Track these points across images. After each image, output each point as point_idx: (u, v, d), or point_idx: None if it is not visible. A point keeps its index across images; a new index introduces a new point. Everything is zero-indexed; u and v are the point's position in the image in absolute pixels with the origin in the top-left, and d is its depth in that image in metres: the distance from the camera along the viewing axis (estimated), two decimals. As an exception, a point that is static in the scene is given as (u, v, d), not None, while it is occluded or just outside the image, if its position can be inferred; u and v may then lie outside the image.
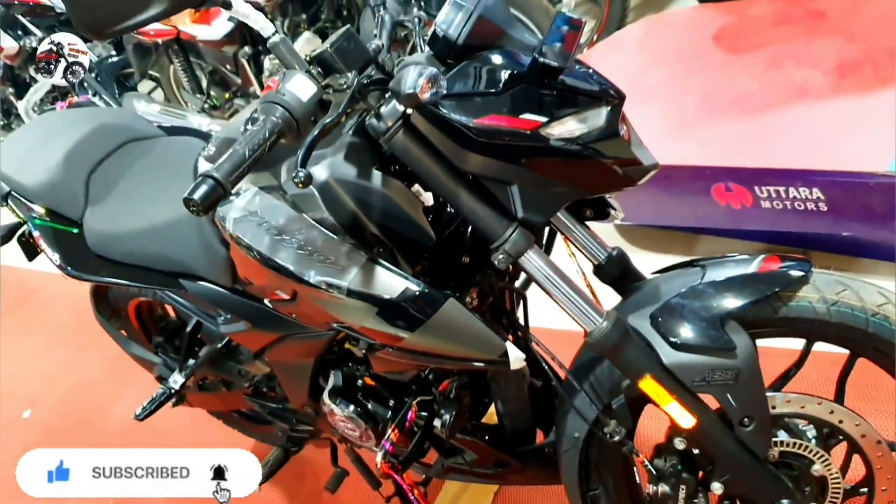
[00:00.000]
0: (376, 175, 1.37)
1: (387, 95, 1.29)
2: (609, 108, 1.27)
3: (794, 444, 1.44)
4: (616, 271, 1.53)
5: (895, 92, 2.26)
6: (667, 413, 1.38)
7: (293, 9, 3.97)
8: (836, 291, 1.36)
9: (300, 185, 1.14)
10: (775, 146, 2.29)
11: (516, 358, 1.40)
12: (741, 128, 2.41)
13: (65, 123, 2.20)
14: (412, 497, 1.77)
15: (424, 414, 1.70)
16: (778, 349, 1.48)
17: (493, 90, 1.23)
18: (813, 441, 1.45)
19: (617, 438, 1.44)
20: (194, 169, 1.66)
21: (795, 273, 1.37)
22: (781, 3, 2.91)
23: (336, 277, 1.38)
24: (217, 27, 4.00)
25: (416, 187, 1.42)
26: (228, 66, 4.23)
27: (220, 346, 2.09)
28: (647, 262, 1.57)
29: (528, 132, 1.22)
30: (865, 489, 1.49)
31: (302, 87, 1.18)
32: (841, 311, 1.35)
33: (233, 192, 1.42)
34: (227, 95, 4.53)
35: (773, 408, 1.42)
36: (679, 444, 1.45)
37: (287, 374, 1.92)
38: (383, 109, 1.27)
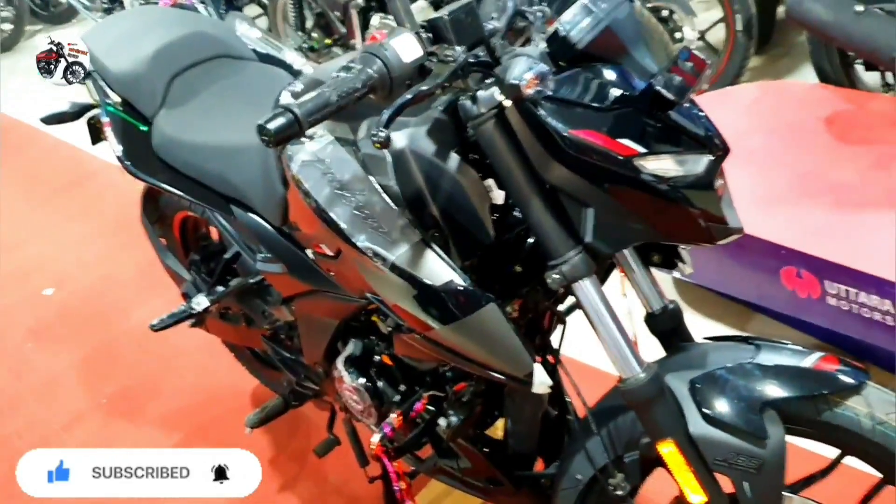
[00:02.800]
0: (453, 158, 1.33)
1: (487, 81, 1.23)
2: (712, 157, 1.21)
3: (799, 552, 1.37)
4: (668, 325, 1.47)
5: None
6: (678, 483, 1.32)
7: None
8: (887, 411, 1.28)
9: (377, 146, 1.10)
10: (859, 247, 2.19)
11: (541, 382, 1.34)
12: (830, 218, 2.32)
13: (163, 20, 2.19)
14: (396, 487, 1.72)
15: (432, 409, 1.65)
16: (805, 450, 1.41)
17: (598, 105, 1.18)
18: (817, 556, 1.38)
19: (620, 493, 1.38)
20: (276, 101, 1.62)
21: (850, 380, 1.30)
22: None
23: (384, 248, 1.34)
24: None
25: (490, 182, 1.37)
26: (337, 13, 4.21)
27: (251, 281, 2.07)
28: (695, 323, 1.48)
29: (622, 158, 1.16)
30: None
31: (407, 47, 1.14)
32: (886, 433, 1.27)
33: (307, 134, 1.40)
34: (327, 41, 4.51)
35: (787, 510, 1.35)
36: (682, 517, 1.38)
37: (309, 327, 1.89)
38: (480, 94, 1.22)
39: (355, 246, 1.36)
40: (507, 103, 1.21)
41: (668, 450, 1.29)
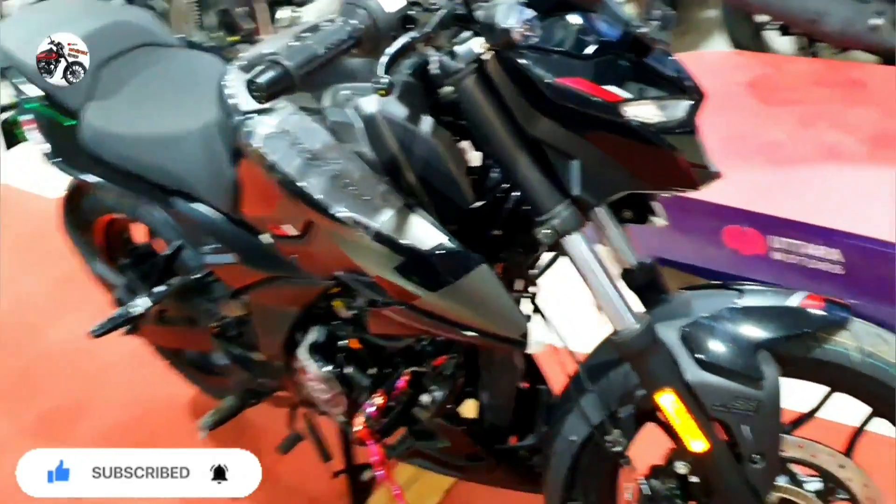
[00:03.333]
0: (426, 121, 1.29)
1: (463, 35, 1.20)
2: (691, 102, 1.21)
3: (796, 492, 1.38)
4: (645, 279, 1.45)
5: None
6: (678, 433, 1.31)
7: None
8: (874, 344, 1.31)
9: (381, 93, 1.05)
10: (802, 200, 2.24)
11: (536, 342, 1.31)
12: (767, 176, 2.37)
13: (80, 11, 2.09)
14: (379, 471, 1.66)
15: (412, 386, 1.60)
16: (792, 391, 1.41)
17: (581, 53, 1.17)
18: (814, 494, 1.38)
19: (617, 449, 1.36)
20: (219, 88, 1.55)
21: (836, 316, 1.31)
22: (821, 65, 2.89)
23: (367, 216, 1.29)
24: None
25: (465, 144, 1.33)
26: (245, 9, 4.09)
27: (196, 276, 1.97)
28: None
29: (610, 104, 1.15)
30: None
31: None
32: (875, 365, 1.29)
33: (269, 105, 1.34)
34: (231, 39, 4.38)
35: (783, 451, 1.35)
36: (681, 468, 1.37)
37: (265, 319, 1.82)
38: (458, 48, 1.18)
39: (334, 217, 1.30)
40: (488, 56, 1.17)
41: (667, 399, 1.28)
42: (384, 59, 1.08)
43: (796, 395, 1.38)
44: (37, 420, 2.74)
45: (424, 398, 1.57)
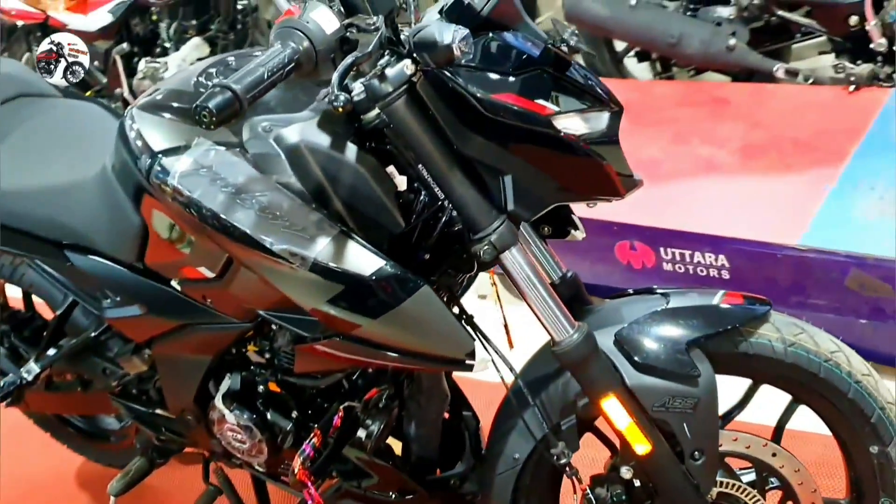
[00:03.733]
0: (351, 148, 1.29)
1: (386, 59, 1.20)
2: (613, 113, 1.25)
3: (733, 485, 1.42)
4: (570, 292, 1.48)
5: (806, 175, 2.41)
6: (622, 436, 1.33)
7: (184, 13, 3.79)
8: (794, 333, 1.38)
9: (340, 110, 1.04)
10: (686, 211, 2.35)
11: (481, 359, 1.31)
12: (651, 191, 2.45)
13: None
14: None
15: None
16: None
17: (509, 69, 1.20)
18: (749, 485, 1.43)
19: (564, 461, 1.37)
20: (120, 131, 1.49)
21: (757, 310, 1.38)
22: (685, 87, 3.06)
23: (301, 247, 1.26)
24: (94, 19, 3.73)
25: (391, 169, 1.33)
26: (96, 63, 3.96)
27: (93, 334, 1.87)
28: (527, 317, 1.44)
29: (543, 117, 1.18)
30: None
31: (326, 19, 1.11)
32: (797, 353, 1.36)
33: (187, 144, 1.30)
34: (87, 94, 4.23)
35: (720, 445, 1.40)
36: (626, 472, 1.39)
37: (173, 371, 1.73)
38: (388, 71, 1.18)
39: (267, 250, 1.26)
40: (415, 78, 1.18)
41: (610, 403, 1.30)
42: (335, 78, 1.07)
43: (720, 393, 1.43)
44: None
45: (361, 433, 1.53)
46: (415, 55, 1.16)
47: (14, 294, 2.26)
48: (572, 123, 1.21)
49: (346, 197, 1.29)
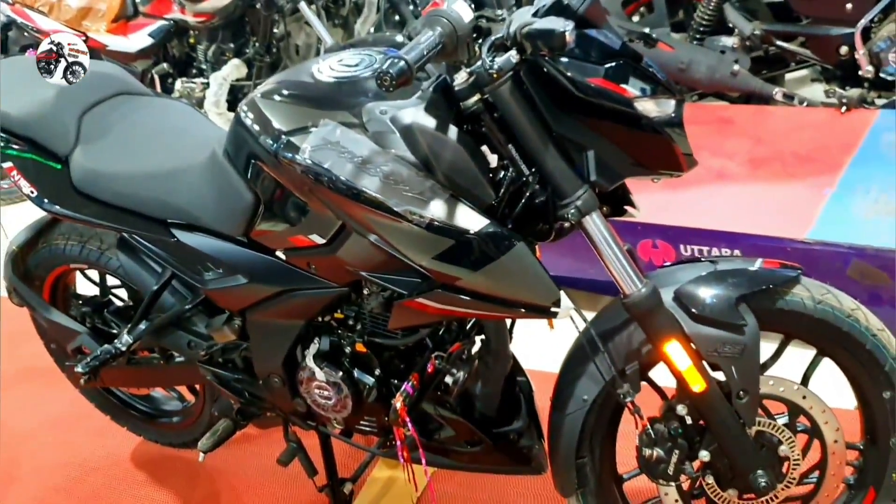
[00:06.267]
0: (453, 130, 1.52)
1: (491, 48, 1.44)
2: (679, 100, 1.49)
3: (769, 423, 1.65)
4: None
5: (808, 181, 2.69)
6: (680, 377, 1.56)
7: (222, 36, 4.03)
8: (822, 293, 1.62)
9: (496, 76, 1.32)
10: (702, 212, 2.61)
11: (566, 307, 1.54)
12: (671, 194, 2.73)
13: None
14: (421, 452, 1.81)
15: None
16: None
17: (598, 59, 1.43)
18: (783, 423, 1.67)
19: (629, 399, 1.59)
20: (236, 118, 1.70)
21: (791, 273, 1.62)
22: (691, 108, 3.33)
23: (420, 207, 1.49)
24: (134, 41, 3.97)
25: (484, 148, 1.57)
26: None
27: (187, 306, 2.08)
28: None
29: (629, 99, 1.42)
30: (817, 474, 1.71)
31: (463, 10, 1.35)
32: (825, 310, 1.60)
33: (313, 125, 1.53)
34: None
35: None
36: (681, 410, 1.62)
37: (266, 337, 1.93)
38: (498, 60, 1.42)
39: (391, 210, 1.49)
40: (520, 66, 1.42)
41: (673, 347, 1.53)
42: (485, 53, 1.33)
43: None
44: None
45: (448, 379, 1.75)
46: (522, 45, 1.39)
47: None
48: (648, 106, 1.44)
49: (448, 170, 1.51)
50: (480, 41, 1.41)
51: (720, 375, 1.58)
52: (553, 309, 1.54)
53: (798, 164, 2.86)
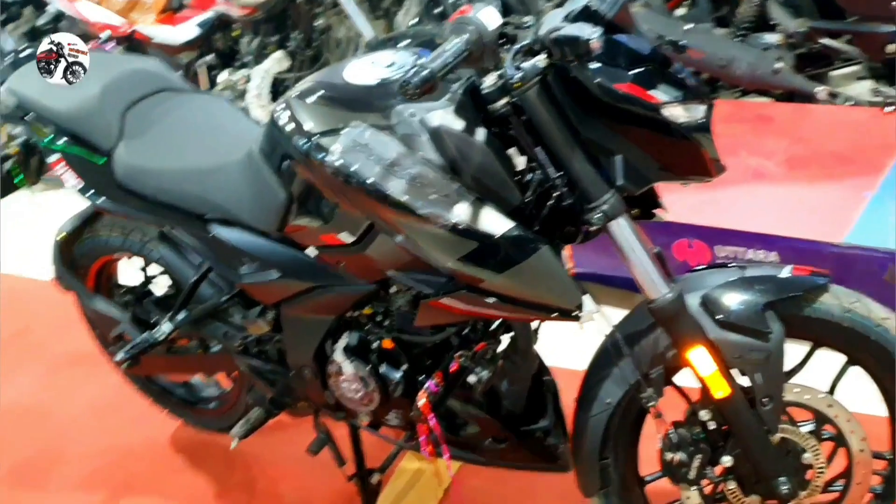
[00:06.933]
0: (480, 132, 1.53)
1: (520, 53, 1.45)
2: (707, 105, 1.49)
3: (794, 431, 1.65)
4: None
5: (847, 183, 2.66)
6: (704, 382, 1.57)
7: (265, 30, 4.08)
8: (851, 301, 1.61)
9: (517, 85, 1.37)
10: (739, 213, 2.60)
11: (589, 311, 1.55)
12: (707, 194, 2.69)
13: (101, 60, 2.22)
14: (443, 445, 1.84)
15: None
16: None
17: (626, 64, 1.43)
18: (808, 431, 1.66)
19: (652, 403, 1.61)
20: (271, 119, 1.74)
21: (820, 281, 1.61)
22: (732, 105, 3.31)
23: (445, 210, 1.51)
24: (182, 31, 4.03)
25: (511, 151, 1.58)
26: (179, 74, 4.22)
27: (223, 298, 2.13)
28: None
29: (654, 104, 1.42)
30: (842, 483, 1.71)
31: (490, 17, 1.36)
32: (853, 318, 1.59)
33: (343, 126, 1.55)
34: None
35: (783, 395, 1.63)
36: (704, 415, 1.62)
37: (298, 330, 1.98)
38: (525, 65, 1.44)
39: (416, 213, 1.51)
40: (547, 71, 1.43)
41: (697, 353, 1.54)
42: (510, 59, 1.37)
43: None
44: (8, 473, 2.75)
45: (472, 378, 1.78)
46: (549, 50, 1.40)
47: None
48: (676, 111, 1.44)
49: (475, 172, 1.53)
50: (507, 47, 1.42)
51: (745, 381, 1.58)
52: (575, 313, 1.56)
53: (838, 165, 2.83)
